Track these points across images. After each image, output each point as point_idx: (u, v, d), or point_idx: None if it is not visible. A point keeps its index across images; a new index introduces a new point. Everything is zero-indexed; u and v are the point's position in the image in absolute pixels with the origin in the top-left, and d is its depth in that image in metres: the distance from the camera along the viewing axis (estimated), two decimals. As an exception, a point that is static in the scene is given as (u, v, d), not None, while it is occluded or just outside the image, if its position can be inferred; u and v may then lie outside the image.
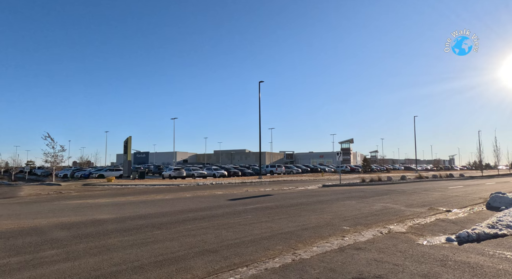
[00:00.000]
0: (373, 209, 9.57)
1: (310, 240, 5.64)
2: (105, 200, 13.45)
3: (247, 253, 4.79)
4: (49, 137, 30.01)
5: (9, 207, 11.87)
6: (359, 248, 5.04)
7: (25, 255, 4.81)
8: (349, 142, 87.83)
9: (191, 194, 16.01)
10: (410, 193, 14.59)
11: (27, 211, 10.26)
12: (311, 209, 9.63)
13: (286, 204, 10.78)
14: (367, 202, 11.34)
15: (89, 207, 11.00)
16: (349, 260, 4.40)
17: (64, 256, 4.75)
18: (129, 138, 34.71)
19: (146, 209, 10.19)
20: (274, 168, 44.97)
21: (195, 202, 12.11)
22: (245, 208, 9.98)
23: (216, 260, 4.47)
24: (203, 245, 5.31)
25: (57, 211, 10.02)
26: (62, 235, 6.23)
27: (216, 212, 9.18)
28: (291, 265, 4.21)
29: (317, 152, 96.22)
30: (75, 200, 13.99)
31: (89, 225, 7.28)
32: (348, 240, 5.58)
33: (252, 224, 7.19)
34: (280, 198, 13.09)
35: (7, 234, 6.39)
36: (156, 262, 4.37)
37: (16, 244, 5.56)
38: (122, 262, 4.39)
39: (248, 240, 5.60)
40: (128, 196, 15.59)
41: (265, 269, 4.06)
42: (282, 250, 4.96)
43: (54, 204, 12.31)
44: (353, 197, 12.97)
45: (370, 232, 6.24)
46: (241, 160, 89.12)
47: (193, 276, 3.84)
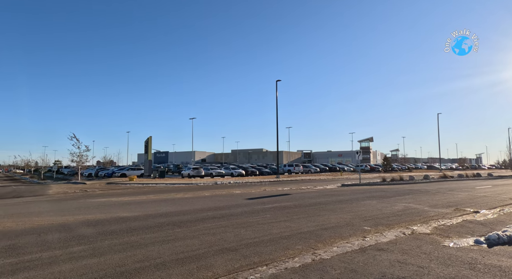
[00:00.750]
0: (394, 209, 9.31)
1: (330, 240, 5.57)
2: (128, 198, 13.88)
3: (267, 252, 4.79)
4: (75, 138, 31.32)
5: (40, 204, 12.50)
6: (381, 249, 4.92)
7: (55, 250, 5.05)
8: (368, 141, 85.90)
9: (209, 193, 16.22)
10: (434, 193, 14.07)
11: (55, 208, 10.76)
12: (330, 208, 9.50)
13: (304, 204, 10.70)
14: (388, 202, 11.05)
15: (113, 205, 11.39)
16: (371, 261, 4.31)
17: (90, 252, 4.95)
18: (149, 138, 35.58)
19: (167, 207, 10.42)
20: (292, 167, 44.71)
21: (213, 200, 12.26)
22: (263, 207, 9.99)
23: (235, 258, 4.50)
24: (223, 243, 5.36)
25: (83, 209, 10.45)
26: (89, 232, 6.49)
27: (235, 211, 9.25)
28: (311, 265, 4.18)
29: (336, 151, 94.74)
30: (99, 198, 14.53)
31: (113, 223, 7.54)
32: (369, 241, 5.47)
33: (270, 223, 7.19)
34: (299, 197, 13.01)
35: (38, 230, 6.74)
36: (177, 260, 4.46)
37: (47, 239, 5.85)
38: (145, 259, 4.51)
39: (267, 239, 5.60)
40: (149, 194, 16.01)
41: (285, 269, 4.05)
42: (302, 250, 4.92)
43: (80, 202, 12.85)
44: (374, 197, 12.68)
45: (392, 233, 6.07)
46: (258, 159, 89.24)
47: (214, 274, 3.89)
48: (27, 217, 8.66)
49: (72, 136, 31.20)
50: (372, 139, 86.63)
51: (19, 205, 12.56)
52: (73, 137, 31.26)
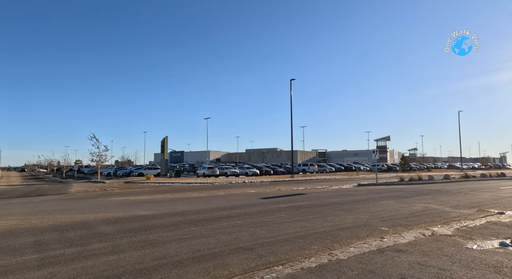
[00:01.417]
0: (413, 209, 9.06)
1: (347, 240, 5.49)
2: (145, 197, 14.19)
3: (282, 252, 4.77)
4: (94, 138, 32.31)
5: (62, 202, 12.98)
6: (400, 250, 4.80)
7: (77, 247, 5.23)
8: (385, 139, 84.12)
9: (224, 192, 16.33)
10: (455, 193, 13.60)
11: (77, 207, 11.14)
12: (346, 208, 9.36)
13: (320, 203, 10.59)
14: (406, 202, 10.77)
15: (131, 204, 11.67)
16: (389, 263, 4.21)
17: (110, 249, 5.09)
18: (165, 138, 36.20)
19: (183, 206, 10.58)
20: (307, 167, 44.37)
21: (228, 200, 12.33)
22: (278, 206, 9.96)
23: (251, 257, 4.51)
24: (238, 242, 5.39)
25: (103, 207, 10.76)
26: (108, 230, 6.68)
27: (250, 210, 9.27)
28: (328, 266, 4.13)
29: (351, 150, 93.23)
30: (118, 196, 14.93)
31: (132, 221, 7.73)
32: (387, 242, 5.35)
33: (286, 222, 7.16)
34: (314, 197, 12.89)
35: (61, 227, 6.99)
36: (194, 258, 4.52)
37: (69, 236, 6.07)
38: (163, 257, 4.60)
39: (283, 239, 5.58)
40: (165, 193, 16.30)
41: (301, 269, 4.03)
42: (318, 250, 4.88)
43: (99, 200, 13.24)
44: (391, 197, 12.39)
45: (411, 234, 5.92)
46: (272, 158, 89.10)
47: (230, 272, 3.91)
48: (51, 215, 9.01)
49: (92, 136, 32.23)
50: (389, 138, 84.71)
51: (43, 203, 13.08)
52: (93, 138, 32.27)
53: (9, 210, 10.74)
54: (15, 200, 14.78)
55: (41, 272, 4.00)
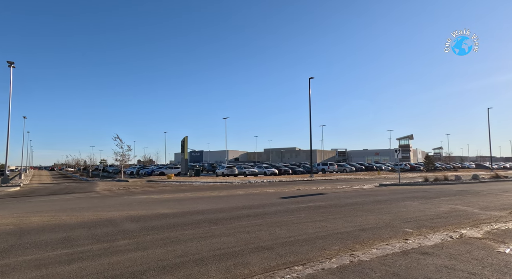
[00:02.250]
0: (439, 210, 8.72)
1: (369, 241, 5.36)
2: (167, 196, 14.53)
3: (302, 252, 4.74)
4: (118, 138, 33.48)
5: (89, 200, 13.55)
6: (426, 253, 4.63)
7: (103, 243, 5.44)
8: (408, 138, 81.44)
9: (243, 191, 16.42)
10: (484, 194, 12.95)
11: (102, 204, 11.59)
12: (367, 209, 9.15)
13: (340, 203, 10.42)
14: (432, 203, 10.37)
15: (153, 202, 11.99)
16: (414, 265, 4.08)
17: (134, 246, 5.25)
18: (185, 138, 36.89)
19: (203, 205, 10.74)
20: (326, 166, 43.77)
21: (247, 199, 12.39)
22: (297, 206, 9.90)
23: (271, 257, 4.51)
24: (258, 241, 5.40)
25: (127, 205, 11.13)
26: (132, 227, 6.90)
27: (269, 209, 9.27)
28: (349, 267, 4.06)
29: (372, 149, 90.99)
30: (140, 195, 15.39)
31: (154, 219, 7.94)
32: (411, 243, 5.18)
33: (305, 222, 7.10)
34: (334, 197, 12.70)
35: (88, 224, 7.31)
36: (215, 256, 4.58)
37: (96, 233, 6.33)
38: (185, 254, 4.69)
39: (303, 239, 5.54)
40: (186, 192, 16.62)
41: (321, 269, 3.98)
42: (339, 251, 4.80)
43: (123, 199, 13.71)
44: (415, 197, 11.98)
45: (437, 236, 5.69)
46: (291, 158, 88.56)
47: (250, 271, 3.93)
48: (78, 212, 9.43)
49: (116, 137, 33.41)
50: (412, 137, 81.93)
51: (71, 200, 13.72)
52: (117, 138, 33.45)
53: (41, 207, 11.34)
54: (46, 198, 15.60)
55: (71, 267, 4.20)
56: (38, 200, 14.55)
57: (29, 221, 7.94)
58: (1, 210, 10.66)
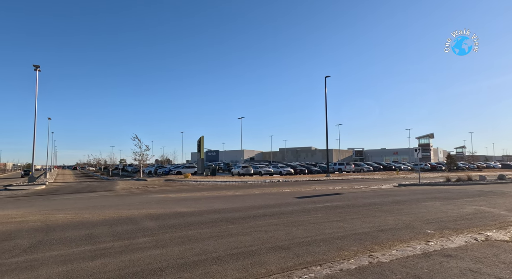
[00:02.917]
0: (463, 212, 8.40)
1: (388, 242, 5.25)
2: (184, 195, 14.78)
3: (320, 252, 4.70)
4: (137, 139, 34.34)
5: (110, 198, 13.98)
6: (449, 255, 4.48)
7: (124, 241, 5.61)
8: (428, 137, 78.99)
9: (259, 190, 16.45)
10: (511, 195, 12.36)
11: (122, 203, 11.93)
12: (386, 209, 8.94)
13: (358, 204, 10.24)
14: (454, 204, 10.01)
15: (171, 201, 12.23)
16: (437, 268, 3.95)
17: (154, 243, 5.38)
18: (201, 138, 37.35)
19: (219, 204, 10.85)
20: (343, 166, 43.13)
21: (263, 198, 12.40)
22: (314, 206, 9.81)
23: (288, 257, 4.50)
24: (275, 241, 5.40)
25: (145, 204, 11.40)
26: (151, 225, 7.07)
27: (285, 209, 9.24)
28: (368, 268, 3.98)
29: (390, 149, 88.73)
30: (159, 194, 15.73)
31: (172, 217, 8.10)
32: (433, 245, 5.02)
33: (322, 222, 7.03)
34: (351, 197, 12.49)
35: (110, 222, 7.54)
36: (232, 255, 4.62)
37: (117, 230, 6.52)
38: (202, 253, 4.76)
39: (320, 239, 5.49)
40: (202, 191, 16.83)
41: (340, 270, 3.93)
42: (357, 252, 4.72)
43: (142, 197, 14.05)
44: (437, 198, 11.59)
45: (461, 238, 5.49)
46: (306, 157, 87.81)
47: (267, 271, 3.94)
48: (100, 210, 9.75)
49: (135, 137, 34.28)
50: (432, 135, 79.39)
51: (93, 198, 14.20)
52: (135, 138, 34.32)
53: (65, 204, 11.81)
54: (69, 196, 16.23)
55: (94, 263, 4.35)
56: (63, 198, 15.16)
57: (55, 218, 8.29)
58: (29, 207, 11.19)
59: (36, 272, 4.00)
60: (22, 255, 4.82)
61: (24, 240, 5.79)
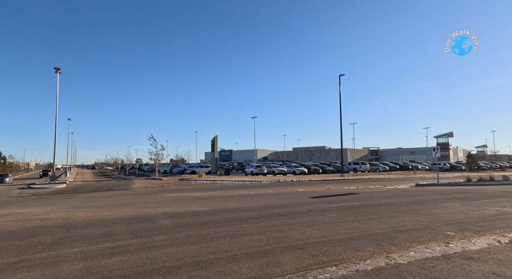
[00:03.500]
0: (485, 213, 8.10)
1: (406, 243, 5.13)
2: (198, 194, 14.95)
3: (335, 253, 4.65)
4: (152, 138, 35.03)
5: (127, 197, 14.33)
6: (470, 258, 4.34)
7: (141, 238, 5.73)
8: (447, 136, 76.62)
9: (273, 190, 16.44)
10: (537, 196, 11.82)
11: (139, 201, 12.20)
12: (403, 210, 8.74)
13: (374, 204, 10.06)
14: (476, 205, 9.67)
15: (186, 200, 12.41)
16: (457, 271, 3.83)
17: (170, 242, 5.47)
18: (215, 137, 37.67)
19: (233, 203, 10.91)
20: (358, 165, 42.47)
21: (277, 198, 12.38)
22: (328, 206, 9.72)
23: (303, 257, 4.48)
24: (289, 241, 5.38)
25: (161, 202, 11.61)
26: (167, 223, 7.19)
27: (299, 209, 9.19)
28: (385, 269, 3.91)
29: (407, 148, 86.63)
30: (174, 193, 15.98)
31: (187, 216, 8.21)
32: (454, 247, 4.87)
33: (337, 223, 6.95)
34: (367, 197, 12.29)
35: (127, 220, 7.73)
36: (246, 254, 4.64)
37: (134, 228, 6.68)
38: (217, 251, 4.81)
39: (335, 239, 5.43)
40: (217, 190, 16.98)
41: (356, 271, 3.88)
42: (374, 252, 4.65)
43: (158, 196, 14.32)
44: (456, 198, 11.24)
45: (483, 240, 5.30)
46: (320, 157, 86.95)
47: (282, 270, 3.93)
48: (118, 208, 10.01)
49: (150, 137, 34.99)
50: (451, 134, 76.97)
51: (111, 197, 14.60)
52: (151, 138, 35.00)
53: (85, 203, 12.19)
54: (88, 194, 16.75)
55: (113, 259, 4.47)
56: (82, 196, 15.66)
57: (75, 215, 8.58)
58: (51, 205, 11.62)
59: (59, 268, 4.15)
60: (45, 251, 5.01)
61: (47, 236, 6.03)
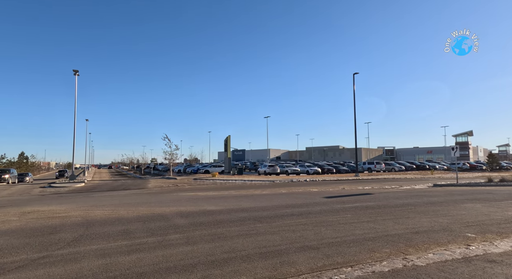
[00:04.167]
0: (507, 214, 7.80)
1: (423, 245, 5.00)
2: (212, 193, 15.08)
3: (350, 253, 4.59)
4: (167, 138, 35.61)
5: (142, 196, 14.62)
6: (493, 261, 4.18)
7: (157, 237, 5.84)
8: (467, 135, 74.29)
9: (286, 190, 16.38)
10: None
11: (154, 200, 12.43)
12: (420, 210, 8.53)
13: (389, 204, 9.86)
14: (498, 206, 9.32)
15: (200, 199, 12.54)
16: (479, 274, 3.71)
17: (185, 240, 5.55)
18: (228, 137, 37.88)
19: (246, 202, 10.95)
20: (372, 165, 41.74)
21: (291, 198, 12.33)
22: (343, 206, 9.59)
23: (318, 257, 4.44)
24: (303, 241, 5.35)
25: (176, 201, 11.78)
26: (182, 222, 7.29)
27: (313, 209, 9.12)
28: (403, 271, 3.83)
29: (424, 147, 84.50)
30: (188, 192, 16.19)
31: (202, 215, 8.30)
32: (475, 250, 4.71)
33: (352, 223, 6.86)
34: (382, 197, 12.06)
35: (143, 218, 7.89)
36: (260, 253, 4.64)
37: (150, 227, 6.81)
38: (231, 250, 4.83)
39: (350, 240, 5.36)
40: (230, 190, 17.08)
41: (372, 272, 3.81)
42: (390, 254, 4.55)
43: (173, 195, 14.54)
44: (477, 199, 10.86)
45: (506, 243, 5.10)
46: (334, 156, 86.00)
47: (297, 270, 3.91)
48: (134, 207, 10.23)
49: (165, 137, 35.60)
50: (471, 133, 74.58)
51: (127, 196, 14.93)
52: (166, 138, 35.60)
53: (103, 201, 12.52)
54: (106, 193, 17.19)
55: (131, 257, 4.58)
56: (100, 195, 16.09)
57: (94, 214, 8.83)
58: (71, 203, 12.00)
59: (79, 264, 4.29)
60: (66, 247, 5.18)
61: (67, 234, 6.23)
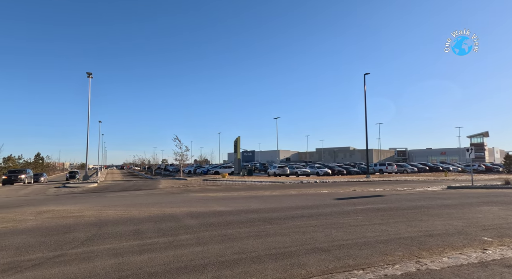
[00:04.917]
0: (526, 218, 7.54)
1: (438, 249, 4.89)
2: (222, 194, 15.14)
3: (362, 256, 4.53)
4: (177, 139, 35.95)
5: (154, 197, 14.80)
6: (511, 266, 4.05)
7: (167, 237, 5.90)
8: (482, 136, 72.41)
9: (296, 191, 16.30)
10: None
11: (165, 201, 12.56)
12: (434, 213, 8.34)
13: (402, 206, 9.69)
14: (515, 209, 9.02)
15: (210, 200, 12.60)
16: (496, 279, 3.60)
17: (195, 241, 5.58)
18: (238, 138, 37.95)
19: (256, 204, 10.94)
20: (384, 166, 41.12)
21: (301, 199, 12.26)
22: (354, 208, 9.47)
23: (328, 259, 4.40)
24: (314, 242, 5.31)
25: (186, 202, 11.88)
26: (192, 223, 7.34)
27: (323, 210, 9.05)
28: (416, 275, 3.75)
29: (437, 148, 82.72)
30: (198, 193, 16.29)
31: (212, 216, 8.34)
32: (492, 254, 4.58)
33: (363, 225, 6.76)
34: (394, 199, 11.86)
35: (154, 219, 7.99)
36: (271, 255, 4.63)
37: (161, 227, 6.88)
38: (242, 251, 4.84)
39: (361, 242, 5.29)
40: (239, 191, 17.11)
41: (384, 275, 3.75)
42: (403, 257, 4.47)
43: (183, 196, 14.67)
44: (494, 202, 10.55)
45: (524, 248, 4.94)
46: (344, 157, 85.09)
47: (307, 272, 3.89)
48: (146, 207, 10.37)
49: (175, 138, 35.93)
50: (487, 134, 72.67)
51: (139, 196, 15.14)
52: (176, 139, 35.95)
53: (115, 201, 12.74)
54: (118, 193, 17.48)
55: (142, 257, 4.64)
56: (112, 195, 16.37)
57: (106, 214, 8.99)
58: (85, 203, 12.26)
59: (93, 263, 4.37)
60: (80, 247, 5.29)
61: (81, 233, 6.36)
